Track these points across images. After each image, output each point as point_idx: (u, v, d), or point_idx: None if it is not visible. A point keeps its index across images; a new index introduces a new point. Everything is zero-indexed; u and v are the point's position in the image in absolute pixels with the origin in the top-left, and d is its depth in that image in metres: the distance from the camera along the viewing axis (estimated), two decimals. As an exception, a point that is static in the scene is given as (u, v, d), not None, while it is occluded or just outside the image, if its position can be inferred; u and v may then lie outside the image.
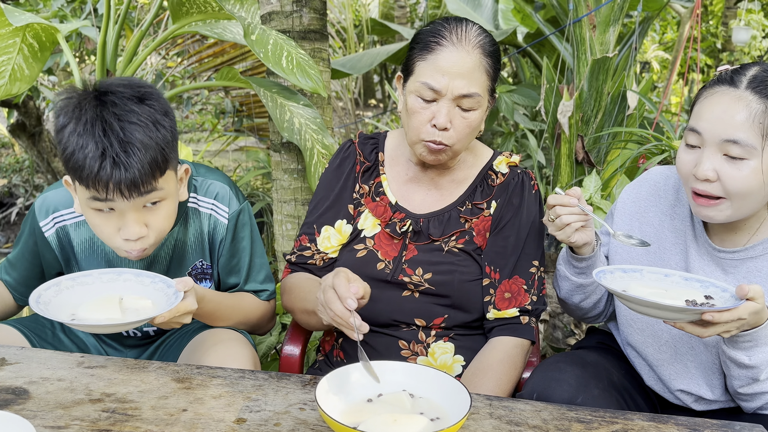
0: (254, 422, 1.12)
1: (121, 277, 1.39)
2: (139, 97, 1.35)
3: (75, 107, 1.33)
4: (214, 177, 1.63)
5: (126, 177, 1.30)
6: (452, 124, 1.44)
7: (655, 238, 1.50)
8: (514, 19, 5.75)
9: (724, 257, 1.39)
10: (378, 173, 1.62)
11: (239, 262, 1.64)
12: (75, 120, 1.32)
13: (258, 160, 5.26)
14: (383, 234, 1.57)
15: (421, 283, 1.51)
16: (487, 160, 1.62)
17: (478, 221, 1.56)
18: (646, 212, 1.52)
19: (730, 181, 1.27)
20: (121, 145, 1.30)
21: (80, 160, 1.29)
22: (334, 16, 7.42)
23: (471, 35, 1.45)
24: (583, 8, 3.17)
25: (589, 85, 3.19)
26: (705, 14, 8.71)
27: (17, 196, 6.52)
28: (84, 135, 1.30)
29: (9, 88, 2.50)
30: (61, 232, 1.58)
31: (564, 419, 1.17)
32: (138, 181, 1.31)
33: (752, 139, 1.24)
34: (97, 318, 1.26)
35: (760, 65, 1.31)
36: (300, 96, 2.51)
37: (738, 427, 1.17)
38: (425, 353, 1.53)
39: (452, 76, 1.42)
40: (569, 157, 3.28)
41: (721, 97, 1.28)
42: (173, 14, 2.52)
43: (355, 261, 1.57)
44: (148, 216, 1.40)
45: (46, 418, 1.11)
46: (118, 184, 1.30)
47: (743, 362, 1.28)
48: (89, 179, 1.30)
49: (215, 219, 1.61)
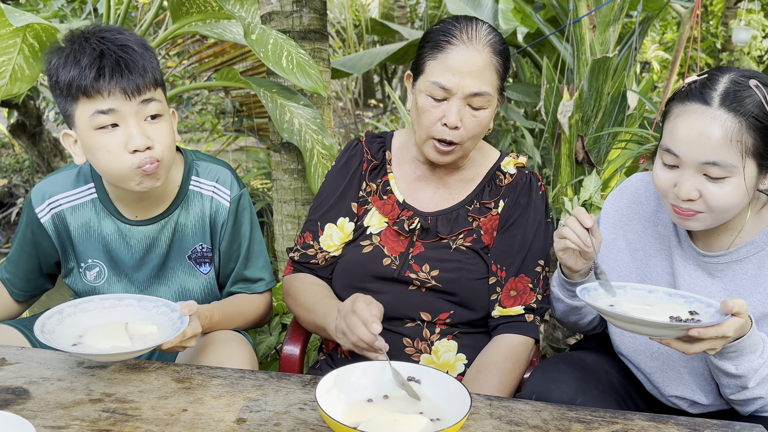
0: (254, 422, 1.12)
1: (123, 302, 1.40)
2: (120, 31, 1.43)
3: (66, 46, 1.40)
4: (215, 162, 1.65)
5: (127, 75, 1.35)
6: (462, 122, 1.45)
7: (639, 246, 1.49)
8: (514, 19, 5.75)
9: (709, 261, 1.38)
10: (385, 171, 1.63)
11: (239, 247, 1.65)
12: (67, 50, 1.38)
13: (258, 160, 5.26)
14: (390, 230, 1.58)
15: (427, 280, 1.52)
16: (494, 161, 1.63)
17: (485, 220, 1.56)
18: (629, 220, 1.51)
19: (713, 198, 1.25)
20: (119, 47, 1.38)
21: (78, 72, 1.35)
22: (334, 16, 7.42)
23: (482, 34, 1.46)
24: (583, 8, 3.17)
25: (589, 85, 3.19)
26: (705, 14, 8.71)
27: (17, 196, 6.52)
28: (79, 53, 1.36)
29: (9, 88, 2.50)
30: (57, 218, 1.58)
31: (564, 419, 1.17)
32: (139, 79, 1.37)
33: (731, 159, 1.22)
34: (105, 347, 1.25)
35: (728, 74, 1.27)
36: (300, 96, 2.51)
37: (738, 427, 1.17)
38: (429, 351, 1.54)
39: (463, 74, 1.42)
40: (569, 157, 3.28)
41: (695, 117, 1.24)
42: (173, 14, 2.52)
43: (361, 257, 1.57)
44: (150, 130, 1.42)
45: (46, 418, 1.11)
46: (120, 84, 1.35)
47: (731, 372, 1.27)
48: (90, 87, 1.34)
49: (217, 202, 1.61)
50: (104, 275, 1.61)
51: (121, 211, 1.58)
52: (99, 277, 1.61)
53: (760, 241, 1.35)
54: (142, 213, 1.57)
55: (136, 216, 1.58)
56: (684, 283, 1.41)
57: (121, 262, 1.60)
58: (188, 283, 1.63)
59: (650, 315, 1.19)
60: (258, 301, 1.68)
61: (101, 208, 1.58)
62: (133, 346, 1.26)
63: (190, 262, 1.63)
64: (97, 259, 1.60)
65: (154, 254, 1.60)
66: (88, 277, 1.61)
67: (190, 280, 1.63)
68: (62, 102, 1.41)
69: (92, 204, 1.58)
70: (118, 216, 1.57)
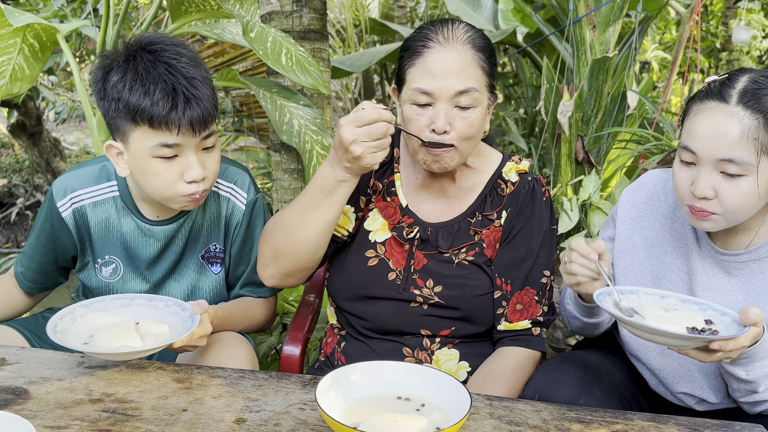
0: (254, 422, 1.12)
1: (134, 302, 1.41)
2: (176, 43, 1.43)
3: (125, 61, 1.39)
4: (234, 165, 1.67)
5: (197, 112, 1.37)
6: (452, 126, 1.39)
7: (655, 242, 1.49)
8: (514, 19, 5.76)
9: (728, 260, 1.38)
10: (392, 171, 1.58)
11: (250, 250, 1.65)
12: (132, 71, 1.37)
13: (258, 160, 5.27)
14: (393, 240, 1.53)
15: (431, 297, 1.49)
16: (496, 167, 1.56)
17: (488, 232, 1.51)
18: (646, 216, 1.51)
19: (729, 197, 1.26)
20: (188, 81, 1.37)
21: (150, 104, 1.35)
22: (334, 16, 7.41)
23: (459, 33, 1.41)
24: (583, 8, 3.17)
25: (589, 85, 3.19)
26: (705, 14, 8.71)
27: (17, 196, 6.53)
28: (147, 79, 1.36)
29: (9, 88, 2.50)
30: (78, 213, 1.58)
31: (564, 419, 1.17)
32: (207, 115, 1.39)
33: (748, 156, 1.22)
34: (115, 346, 1.26)
35: (748, 74, 1.28)
36: (300, 96, 2.51)
37: (738, 428, 1.17)
38: (429, 360, 1.51)
39: (444, 76, 1.37)
40: (569, 157, 3.28)
41: (713, 115, 1.25)
42: (172, 13, 2.52)
43: (366, 270, 1.52)
44: (205, 159, 1.45)
45: (46, 418, 1.11)
46: (190, 122, 1.36)
47: (741, 377, 1.27)
48: (161, 120, 1.35)
49: (233, 203, 1.63)
50: (120, 272, 1.62)
51: (142, 211, 1.58)
52: (115, 274, 1.62)
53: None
54: (163, 213, 1.59)
55: (158, 216, 1.59)
56: (701, 282, 1.41)
57: (137, 260, 1.61)
58: (199, 282, 1.64)
59: (670, 325, 1.18)
60: (264, 306, 1.69)
61: (122, 206, 1.58)
62: (144, 345, 1.27)
63: (203, 262, 1.64)
64: (114, 256, 1.61)
65: (170, 252, 1.61)
66: (104, 273, 1.62)
67: (202, 279, 1.64)
68: (117, 117, 1.40)
69: (113, 201, 1.59)
70: (138, 215, 1.58)
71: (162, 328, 1.34)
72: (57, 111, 5.15)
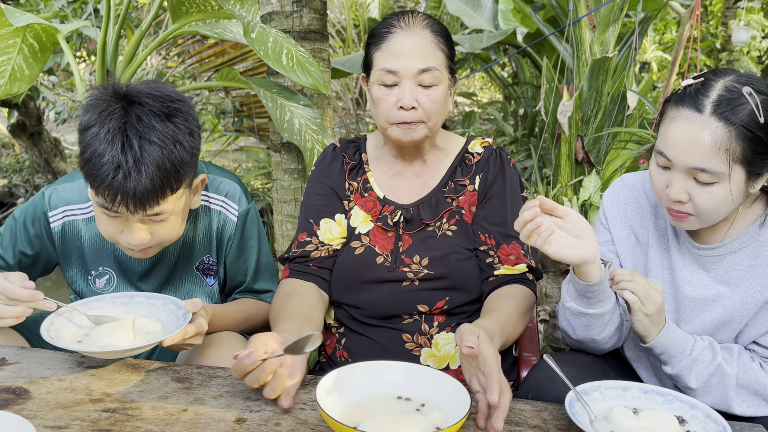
0: (254, 422, 1.12)
1: (133, 300, 1.42)
2: (166, 113, 1.35)
3: (102, 111, 1.33)
4: (225, 175, 1.66)
5: (134, 194, 1.31)
6: (418, 102, 1.51)
7: (644, 239, 1.51)
8: (514, 19, 5.76)
9: (704, 254, 1.42)
10: (364, 170, 1.68)
11: (247, 260, 1.66)
12: (99, 125, 1.32)
13: (258, 160, 5.27)
14: (377, 229, 1.61)
15: (420, 270, 1.55)
16: (462, 145, 1.69)
17: (464, 198, 1.61)
18: (634, 215, 1.54)
19: (701, 202, 1.29)
20: (135, 163, 1.30)
21: (95, 167, 1.31)
22: (334, 16, 7.41)
23: (418, 19, 1.55)
24: (583, 8, 3.17)
25: (588, 85, 3.19)
26: (705, 14, 8.71)
27: (17, 196, 6.53)
28: (103, 143, 1.31)
29: (9, 88, 2.50)
30: (68, 226, 1.59)
31: (564, 419, 1.17)
32: (145, 200, 1.33)
33: (719, 166, 1.25)
34: (108, 343, 1.27)
35: (722, 79, 1.29)
36: (300, 96, 2.51)
37: (738, 427, 1.17)
38: (429, 344, 1.55)
39: (407, 56, 1.50)
40: (569, 157, 3.28)
41: (686, 124, 1.27)
42: (173, 13, 2.52)
43: (354, 259, 1.59)
44: (153, 226, 1.41)
45: (46, 418, 1.11)
46: (125, 199, 1.31)
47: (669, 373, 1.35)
48: (100, 187, 1.32)
49: (225, 216, 1.63)
50: (113, 283, 1.63)
51: None
52: (108, 285, 1.63)
53: (753, 233, 1.38)
54: None
55: None
56: (681, 277, 1.44)
57: (130, 272, 1.62)
58: (195, 292, 1.65)
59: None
60: (265, 308, 1.69)
61: None
62: (135, 342, 1.28)
63: (197, 273, 1.65)
64: (108, 267, 1.62)
65: (162, 266, 1.61)
66: (98, 285, 1.63)
67: (198, 289, 1.65)
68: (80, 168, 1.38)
69: None
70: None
71: (155, 326, 1.34)
72: (57, 111, 5.15)
